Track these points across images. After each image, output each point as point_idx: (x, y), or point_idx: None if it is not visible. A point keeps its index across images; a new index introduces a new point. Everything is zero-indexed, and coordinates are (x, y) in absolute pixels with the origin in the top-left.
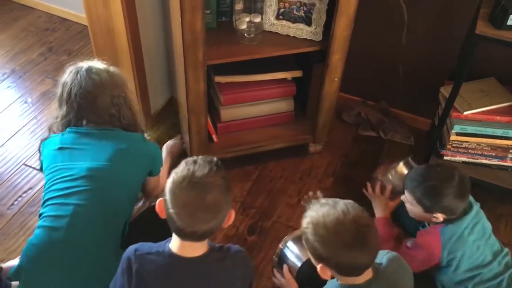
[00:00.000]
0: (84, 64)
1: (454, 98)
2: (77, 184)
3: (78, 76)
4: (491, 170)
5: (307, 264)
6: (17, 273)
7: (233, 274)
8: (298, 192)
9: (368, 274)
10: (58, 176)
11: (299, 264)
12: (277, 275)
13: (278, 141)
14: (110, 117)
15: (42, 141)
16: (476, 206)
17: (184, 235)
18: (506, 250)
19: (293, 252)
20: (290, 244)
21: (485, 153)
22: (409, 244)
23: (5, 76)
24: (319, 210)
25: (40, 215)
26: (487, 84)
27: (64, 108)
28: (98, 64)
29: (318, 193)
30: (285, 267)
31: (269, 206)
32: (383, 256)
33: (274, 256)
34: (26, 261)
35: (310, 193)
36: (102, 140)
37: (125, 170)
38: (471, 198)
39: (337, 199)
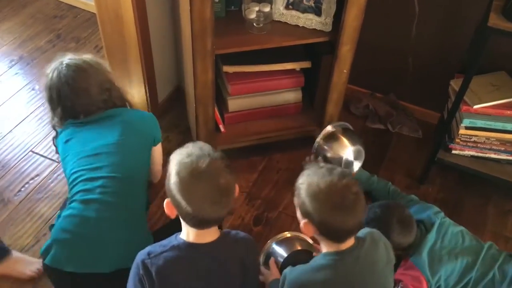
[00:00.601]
0: (61, 63)
1: (464, 92)
2: (94, 161)
3: (61, 75)
4: (499, 165)
5: (290, 256)
6: (49, 247)
7: (246, 257)
8: None
9: (350, 242)
10: (73, 161)
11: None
12: (264, 271)
13: (285, 132)
14: (104, 103)
15: (54, 138)
16: (438, 220)
17: (205, 224)
18: (487, 244)
19: (277, 253)
20: (275, 246)
21: (494, 147)
22: None
23: (13, 63)
24: (316, 171)
25: (70, 197)
26: (497, 78)
27: (59, 109)
28: (73, 58)
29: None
30: (271, 259)
31: (275, 197)
32: (364, 232)
33: (260, 256)
34: (61, 232)
35: (311, 157)
36: (105, 121)
37: (135, 139)
38: (430, 212)
39: (335, 166)
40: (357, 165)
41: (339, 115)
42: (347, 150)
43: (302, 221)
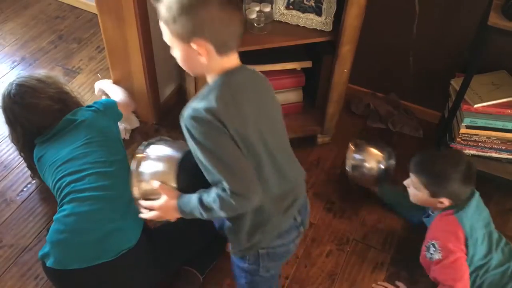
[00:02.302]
0: (11, 84)
1: (465, 91)
2: (71, 166)
3: (11, 95)
4: (500, 164)
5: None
6: (48, 251)
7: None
8: (306, 183)
9: (235, 59)
10: (52, 171)
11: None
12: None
13: (287, 131)
14: (59, 112)
15: (31, 159)
16: (477, 192)
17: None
18: (504, 238)
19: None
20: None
21: (495, 146)
22: (430, 254)
23: (15, 63)
24: None
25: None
26: (498, 77)
27: (18, 128)
28: (21, 76)
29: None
30: (155, 182)
31: None
32: None
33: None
34: (58, 233)
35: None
36: (67, 128)
37: (100, 132)
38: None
39: None
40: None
41: (340, 114)
42: (380, 157)
43: (194, 44)
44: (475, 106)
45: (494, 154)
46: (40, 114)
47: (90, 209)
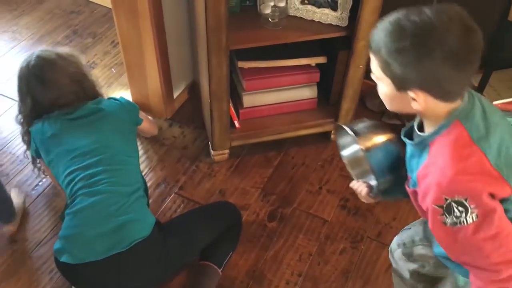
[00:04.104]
0: (33, 54)
1: (484, 87)
2: (86, 159)
3: (30, 66)
4: None
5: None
6: (63, 246)
7: None
8: (319, 180)
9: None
10: (66, 160)
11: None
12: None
13: (301, 128)
14: (74, 94)
15: (30, 128)
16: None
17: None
18: None
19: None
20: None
21: None
22: (453, 219)
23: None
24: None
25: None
26: None
27: (29, 100)
28: (46, 50)
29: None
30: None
31: (290, 193)
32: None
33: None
34: (73, 228)
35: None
36: (83, 117)
37: (120, 129)
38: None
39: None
40: None
41: (355, 110)
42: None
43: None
44: (494, 103)
45: None
46: (55, 91)
47: (102, 202)
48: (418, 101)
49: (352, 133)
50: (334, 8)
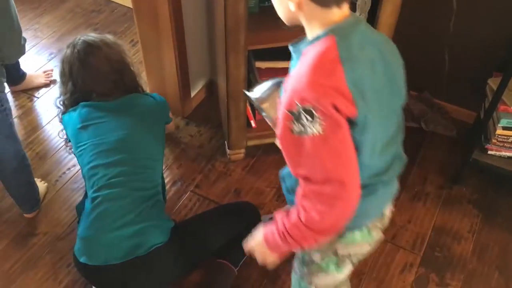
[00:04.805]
0: (80, 38)
1: (503, 91)
2: (111, 155)
3: (75, 50)
4: None
5: None
6: (85, 245)
7: None
8: None
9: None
10: (92, 153)
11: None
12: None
13: None
14: (114, 83)
15: (63, 114)
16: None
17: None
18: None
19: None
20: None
21: None
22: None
23: (52, 56)
24: None
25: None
26: None
27: (70, 84)
28: (93, 35)
29: None
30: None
31: None
32: None
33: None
34: (91, 230)
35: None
36: (118, 110)
37: (150, 129)
38: None
39: None
40: None
41: None
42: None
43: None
44: None
45: None
46: (96, 78)
47: (122, 208)
48: (293, 1)
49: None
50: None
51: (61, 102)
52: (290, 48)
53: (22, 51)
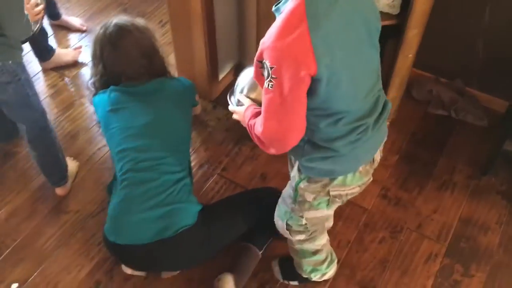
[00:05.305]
0: (111, 21)
1: None
2: (139, 139)
3: (107, 32)
4: None
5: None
6: (116, 227)
7: None
8: None
9: None
10: (121, 137)
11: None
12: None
13: None
14: (143, 68)
15: (93, 96)
16: None
17: None
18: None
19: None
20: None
21: None
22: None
23: (83, 35)
24: None
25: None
26: None
27: (100, 66)
28: (125, 18)
29: None
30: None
31: None
32: None
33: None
34: (122, 212)
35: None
36: (146, 94)
37: (178, 113)
38: None
39: None
40: None
41: (401, 100)
42: None
43: None
44: None
45: None
46: (126, 62)
47: (150, 191)
48: None
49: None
50: None
51: (92, 84)
52: (273, 10)
53: (27, 30)
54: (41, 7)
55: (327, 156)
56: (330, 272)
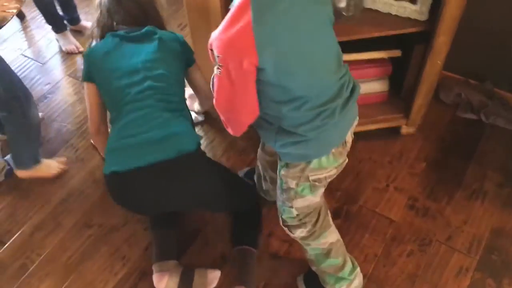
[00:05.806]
0: None
1: None
2: (134, 76)
3: None
4: None
5: None
6: (116, 157)
7: None
8: (387, 177)
9: None
10: (115, 76)
11: None
12: None
13: (369, 121)
14: (134, 18)
15: (88, 47)
16: None
17: None
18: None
19: None
20: None
21: None
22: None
23: None
24: None
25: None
26: None
27: (99, 12)
28: None
29: None
30: None
31: (356, 190)
32: None
33: None
34: (124, 139)
35: None
36: (143, 38)
37: (170, 56)
38: None
39: None
40: None
41: (428, 106)
42: None
43: None
44: None
45: None
46: (115, 7)
47: (150, 114)
48: None
49: None
50: (413, 1)
51: (91, 33)
52: (229, 7)
53: None
54: None
55: (297, 141)
56: (356, 281)
